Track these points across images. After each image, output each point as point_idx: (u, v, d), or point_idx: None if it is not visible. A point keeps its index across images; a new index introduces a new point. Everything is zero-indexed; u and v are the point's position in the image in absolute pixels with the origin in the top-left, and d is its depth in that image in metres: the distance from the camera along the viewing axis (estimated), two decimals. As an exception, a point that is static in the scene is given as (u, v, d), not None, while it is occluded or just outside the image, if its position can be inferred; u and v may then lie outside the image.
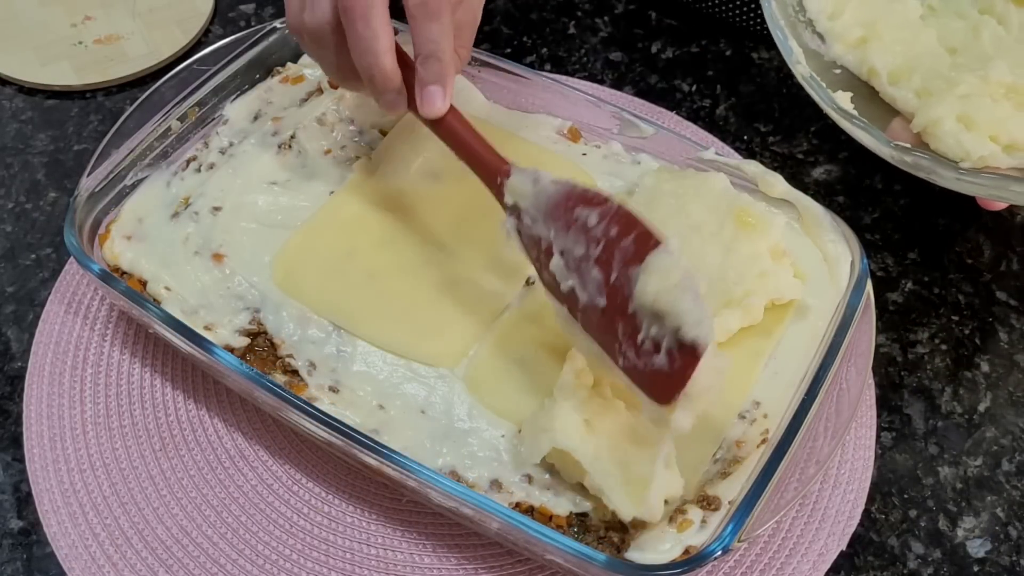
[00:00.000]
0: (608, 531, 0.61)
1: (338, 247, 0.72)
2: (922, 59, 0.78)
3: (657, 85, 0.94)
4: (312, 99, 0.80)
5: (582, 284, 0.59)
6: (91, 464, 0.71)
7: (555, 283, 0.62)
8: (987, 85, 0.73)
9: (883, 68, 0.77)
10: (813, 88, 0.75)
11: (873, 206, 0.86)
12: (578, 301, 0.60)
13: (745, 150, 0.89)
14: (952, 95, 0.72)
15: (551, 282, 0.62)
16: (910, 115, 0.75)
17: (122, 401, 0.74)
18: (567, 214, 0.60)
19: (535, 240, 0.63)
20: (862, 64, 0.79)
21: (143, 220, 0.74)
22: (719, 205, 0.70)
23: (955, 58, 0.78)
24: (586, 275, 0.59)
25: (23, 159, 0.88)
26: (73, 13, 0.99)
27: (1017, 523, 0.69)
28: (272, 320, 0.69)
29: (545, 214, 0.61)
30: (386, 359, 0.68)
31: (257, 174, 0.76)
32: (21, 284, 0.81)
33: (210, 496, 0.70)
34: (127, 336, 0.77)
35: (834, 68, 0.79)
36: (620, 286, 0.57)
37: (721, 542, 0.57)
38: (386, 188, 0.75)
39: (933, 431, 0.73)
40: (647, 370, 0.57)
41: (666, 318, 0.54)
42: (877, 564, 0.68)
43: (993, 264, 0.82)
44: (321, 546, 0.68)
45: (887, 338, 0.78)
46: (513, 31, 0.98)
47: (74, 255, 0.69)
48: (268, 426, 0.73)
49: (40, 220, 0.84)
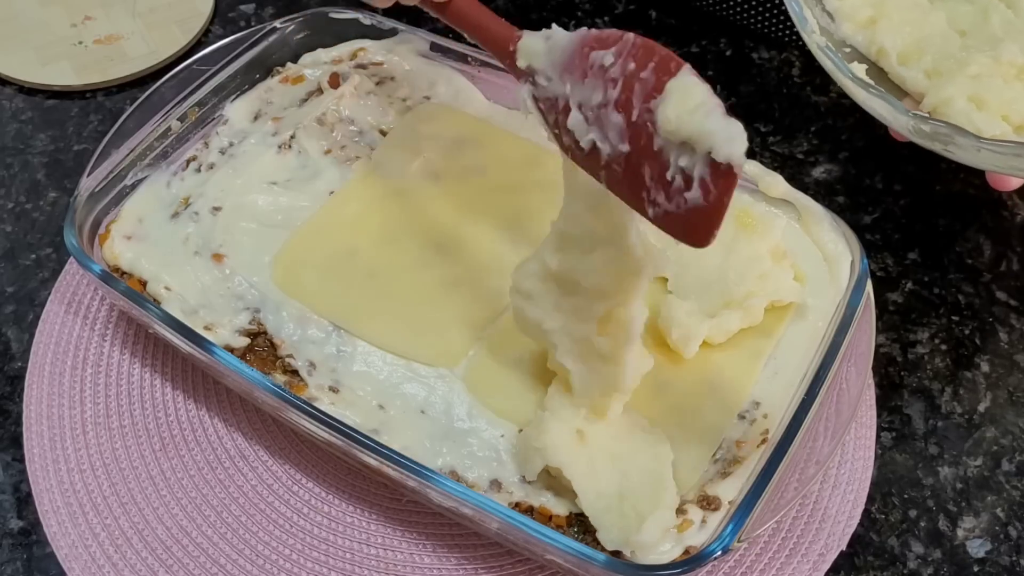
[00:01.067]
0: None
1: (338, 247, 0.72)
2: (931, 40, 0.77)
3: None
4: (312, 99, 0.80)
5: (603, 134, 0.55)
6: (91, 464, 0.70)
7: (576, 146, 0.57)
8: (998, 65, 0.72)
9: (892, 48, 0.77)
10: (829, 56, 0.73)
11: (873, 206, 0.85)
12: (600, 157, 0.56)
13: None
14: (963, 75, 0.72)
15: (571, 145, 0.58)
16: (919, 95, 0.74)
17: (122, 401, 0.74)
18: (583, 62, 0.56)
19: (552, 103, 0.59)
20: (871, 44, 0.78)
21: (143, 220, 0.74)
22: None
23: (964, 40, 0.78)
24: (606, 122, 0.55)
25: (23, 159, 0.88)
26: (73, 13, 0.99)
27: (1017, 523, 0.69)
28: (272, 320, 0.69)
29: (560, 68, 0.58)
30: (386, 359, 0.68)
31: (257, 174, 0.76)
32: (21, 284, 0.80)
33: (210, 496, 0.69)
34: (127, 336, 0.77)
35: (843, 47, 0.79)
36: (643, 124, 0.53)
37: (721, 542, 0.57)
38: (386, 188, 0.75)
39: (933, 431, 0.73)
40: (681, 211, 0.51)
41: (695, 143, 0.50)
42: (877, 564, 0.68)
43: (993, 264, 0.82)
44: (321, 546, 0.68)
45: (887, 338, 0.78)
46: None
47: (74, 255, 0.69)
48: (268, 426, 0.73)
49: (40, 220, 0.84)
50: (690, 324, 0.66)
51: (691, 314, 0.67)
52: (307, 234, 0.73)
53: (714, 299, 0.68)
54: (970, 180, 0.87)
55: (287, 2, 1.01)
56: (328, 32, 0.83)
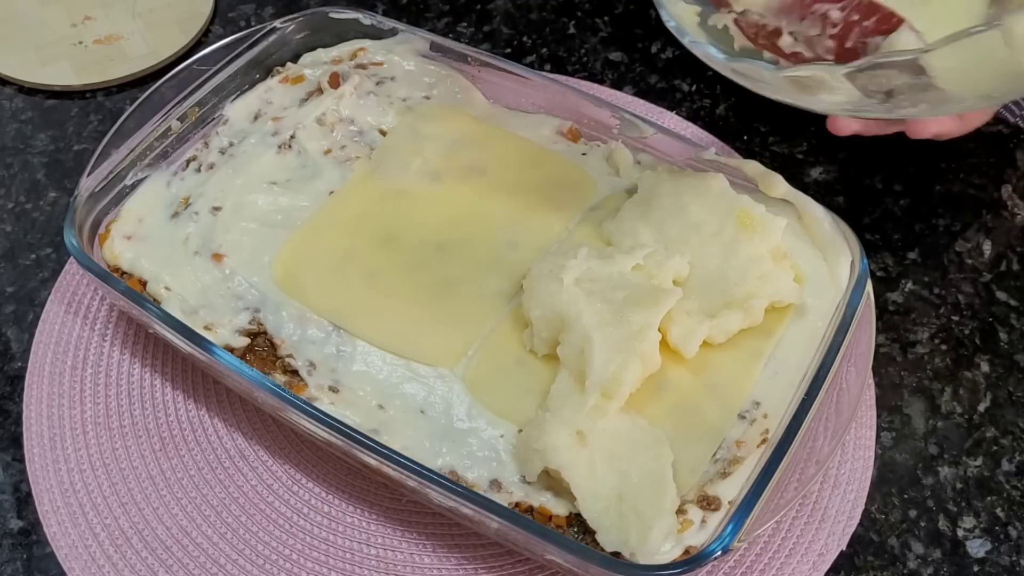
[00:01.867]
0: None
1: (338, 247, 0.72)
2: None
3: (657, 85, 0.94)
4: (312, 99, 0.80)
5: (810, 49, 0.60)
6: (91, 464, 0.70)
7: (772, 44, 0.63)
8: None
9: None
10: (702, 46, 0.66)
11: (873, 206, 0.85)
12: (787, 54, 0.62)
13: (745, 150, 0.89)
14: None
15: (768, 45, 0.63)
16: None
17: (122, 401, 0.74)
18: (803, 9, 0.60)
19: (757, 27, 0.63)
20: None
21: (143, 220, 0.74)
22: (719, 205, 0.70)
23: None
24: (817, 44, 0.60)
25: (23, 159, 0.88)
26: (73, 13, 0.99)
27: (1017, 523, 0.69)
28: (272, 320, 0.69)
29: (776, 10, 0.62)
30: (385, 359, 0.68)
31: (257, 174, 0.75)
32: (21, 284, 0.80)
33: (210, 496, 0.69)
34: (127, 336, 0.77)
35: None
36: (853, 48, 0.58)
37: (721, 542, 0.57)
38: (386, 188, 0.75)
39: (933, 431, 0.73)
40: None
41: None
42: (877, 564, 0.68)
43: (993, 264, 0.82)
44: (321, 546, 0.68)
45: (887, 338, 0.78)
46: (513, 31, 0.98)
47: (74, 255, 0.69)
48: (268, 426, 0.73)
49: (40, 220, 0.84)
50: (690, 324, 0.66)
51: (691, 314, 0.67)
52: (307, 234, 0.73)
53: (714, 299, 0.68)
54: (970, 180, 0.87)
55: (287, 2, 1.01)
56: (328, 32, 0.83)
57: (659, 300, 0.64)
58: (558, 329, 0.65)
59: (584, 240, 0.72)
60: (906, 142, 0.76)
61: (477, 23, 0.99)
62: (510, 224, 0.73)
